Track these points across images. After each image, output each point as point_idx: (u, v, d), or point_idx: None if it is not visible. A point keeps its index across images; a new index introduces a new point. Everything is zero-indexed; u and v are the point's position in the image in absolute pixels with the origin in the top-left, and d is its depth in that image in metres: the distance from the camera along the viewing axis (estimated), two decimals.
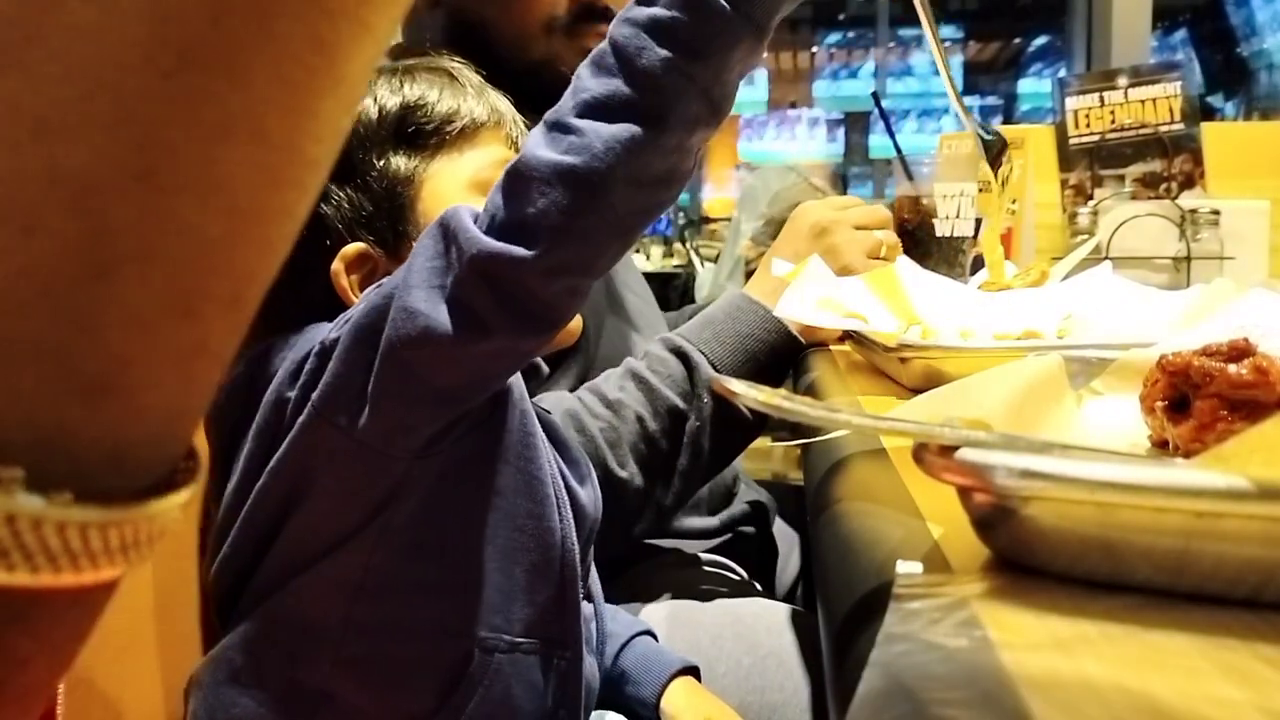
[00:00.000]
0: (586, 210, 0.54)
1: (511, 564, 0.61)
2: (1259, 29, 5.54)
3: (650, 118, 0.54)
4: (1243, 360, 0.39)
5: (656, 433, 0.82)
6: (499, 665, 0.60)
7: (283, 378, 0.60)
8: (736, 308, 0.90)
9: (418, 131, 0.67)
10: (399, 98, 0.67)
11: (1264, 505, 0.26)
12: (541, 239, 0.53)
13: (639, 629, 0.75)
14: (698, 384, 0.84)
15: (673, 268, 5.12)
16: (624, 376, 0.84)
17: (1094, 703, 0.22)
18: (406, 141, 0.67)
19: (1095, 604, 0.28)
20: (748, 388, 0.33)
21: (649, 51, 0.53)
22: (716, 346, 0.86)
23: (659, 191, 0.57)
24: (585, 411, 0.81)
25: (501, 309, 0.54)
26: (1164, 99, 1.43)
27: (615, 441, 0.80)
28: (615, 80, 0.54)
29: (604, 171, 0.53)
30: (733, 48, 0.55)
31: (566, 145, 0.54)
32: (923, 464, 0.32)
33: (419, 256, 0.56)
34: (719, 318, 0.89)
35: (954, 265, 1.10)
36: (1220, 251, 1.20)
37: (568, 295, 0.57)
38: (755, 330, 0.88)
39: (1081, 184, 1.45)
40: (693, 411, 0.83)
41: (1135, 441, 0.45)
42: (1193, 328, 0.57)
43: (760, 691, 0.78)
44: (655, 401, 0.82)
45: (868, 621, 0.29)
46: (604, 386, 0.84)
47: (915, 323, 0.77)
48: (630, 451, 0.81)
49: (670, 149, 0.56)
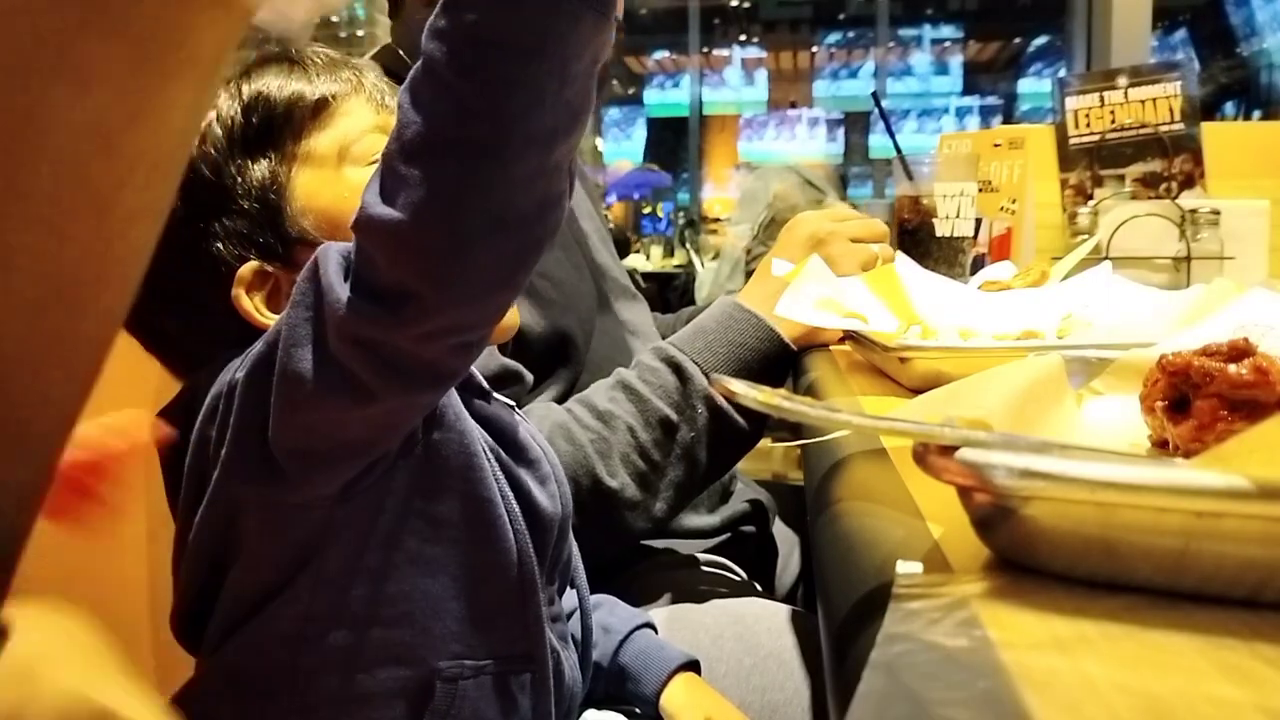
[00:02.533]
0: (442, 272, 0.46)
1: (465, 592, 0.58)
2: (1259, 29, 5.54)
3: (489, 149, 0.45)
4: (1243, 360, 0.39)
5: (648, 443, 0.82)
6: (464, 692, 0.58)
7: (204, 415, 0.56)
8: (729, 316, 0.90)
9: (265, 128, 0.61)
10: (237, 103, 0.62)
11: (1264, 505, 0.26)
12: (406, 304, 0.46)
13: (638, 622, 0.74)
14: (691, 395, 0.84)
15: (673, 268, 5.13)
16: (614, 387, 0.85)
17: (1094, 703, 0.22)
18: (257, 144, 0.61)
19: (1095, 604, 0.28)
20: (748, 388, 0.33)
21: (469, 66, 0.44)
22: (709, 356, 0.86)
23: (532, 227, 0.48)
24: (575, 423, 0.82)
25: (384, 374, 0.49)
26: (1164, 99, 1.43)
27: (606, 452, 0.80)
28: (438, 108, 0.45)
29: (450, 225, 0.45)
30: (570, 32, 0.44)
31: (402, 199, 0.45)
32: (923, 464, 0.32)
33: (297, 307, 0.51)
34: (711, 327, 0.89)
35: (954, 265, 1.10)
36: (1220, 251, 1.20)
37: (454, 353, 0.51)
38: (748, 339, 0.88)
39: (1081, 184, 1.45)
40: (685, 422, 0.83)
41: (1135, 441, 0.45)
42: (1193, 328, 0.57)
43: (761, 692, 0.78)
44: (646, 412, 0.82)
45: (868, 621, 0.29)
46: (594, 397, 0.84)
47: (915, 323, 0.77)
48: (621, 462, 0.81)
49: (528, 176, 0.46)
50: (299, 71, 0.64)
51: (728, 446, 0.86)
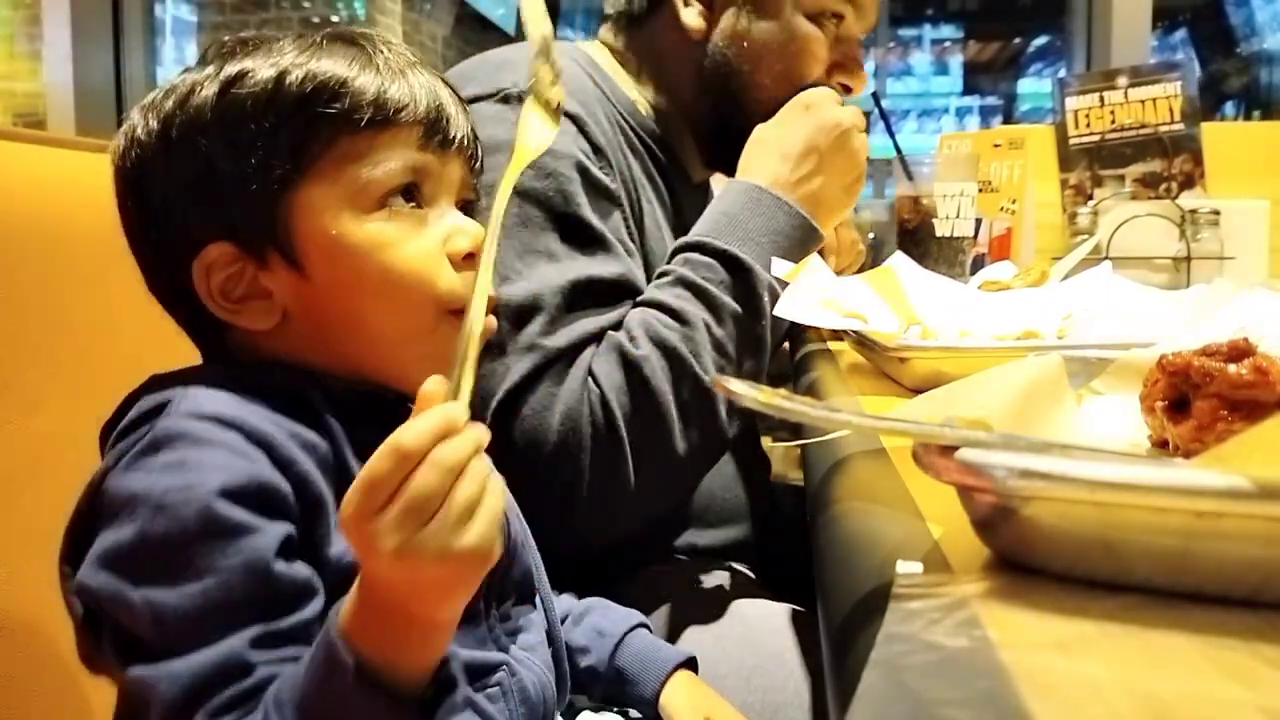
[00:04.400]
0: None
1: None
2: (1259, 29, 5.54)
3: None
4: (1243, 360, 0.39)
5: (723, 338, 0.81)
6: None
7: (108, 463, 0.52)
8: (755, 200, 0.87)
9: (304, 108, 0.56)
10: (300, 70, 0.56)
11: (1264, 505, 0.26)
12: None
13: (633, 623, 0.74)
14: (755, 285, 0.82)
15: None
16: (677, 284, 0.83)
17: (1094, 703, 0.22)
18: (290, 121, 0.56)
19: (1096, 604, 0.28)
20: (748, 388, 0.33)
21: None
22: (753, 247, 0.84)
23: None
24: (659, 324, 0.80)
25: None
26: (1164, 99, 1.43)
27: (697, 351, 0.79)
28: None
29: None
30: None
31: None
32: (923, 464, 0.32)
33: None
34: (742, 215, 0.86)
35: (954, 265, 1.10)
36: (1220, 251, 1.20)
37: None
38: (782, 225, 0.86)
39: (1081, 184, 1.45)
40: (750, 315, 0.82)
41: (1135, 441, 0.45)
42: (1193, 328, 0.57)
43: (762, 692, 0.78)
44: (716, 309, 0.81)
45: (868, 621, 0.29)
46: (662, 297, 0.82)
47: (915, 323, 0.77)
48: (710, 359, 0.79)
49: None
50: (370, 70, 0.58)
51: (778, 336, 0.86)
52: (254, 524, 0.48)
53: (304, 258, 0.56)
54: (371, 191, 0.57)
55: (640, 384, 0.77)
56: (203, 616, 0.47)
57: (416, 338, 0.58)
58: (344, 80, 0.57)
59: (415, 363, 0.56)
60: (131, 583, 0.48)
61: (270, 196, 0.56)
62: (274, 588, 0.48)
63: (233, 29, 4.23)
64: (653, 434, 0.77)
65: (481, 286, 0.49)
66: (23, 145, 0.76)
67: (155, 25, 3.55)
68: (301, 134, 0.56)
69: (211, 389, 0.53)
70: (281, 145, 0.56)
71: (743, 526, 1.00)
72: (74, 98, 2.97)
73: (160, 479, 0.48)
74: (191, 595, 0.47)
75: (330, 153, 0.56)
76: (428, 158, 0.59)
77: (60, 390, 0.72)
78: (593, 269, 0.80)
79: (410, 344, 0.58)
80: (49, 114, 3.09)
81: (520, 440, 0.75)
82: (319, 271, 0.57)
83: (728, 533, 0.98)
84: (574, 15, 6.26)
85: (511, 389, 0.76)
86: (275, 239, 0.56)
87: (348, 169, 0.56)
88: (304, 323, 0.58)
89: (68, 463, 0.55)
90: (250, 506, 0.48)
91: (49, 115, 3.09)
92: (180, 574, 0.47)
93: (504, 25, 5.21)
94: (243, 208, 0.56)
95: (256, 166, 0.55)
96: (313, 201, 0.56)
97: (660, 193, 1.00)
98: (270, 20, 4.03)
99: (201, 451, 0.49)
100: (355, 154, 0.57)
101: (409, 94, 0.58)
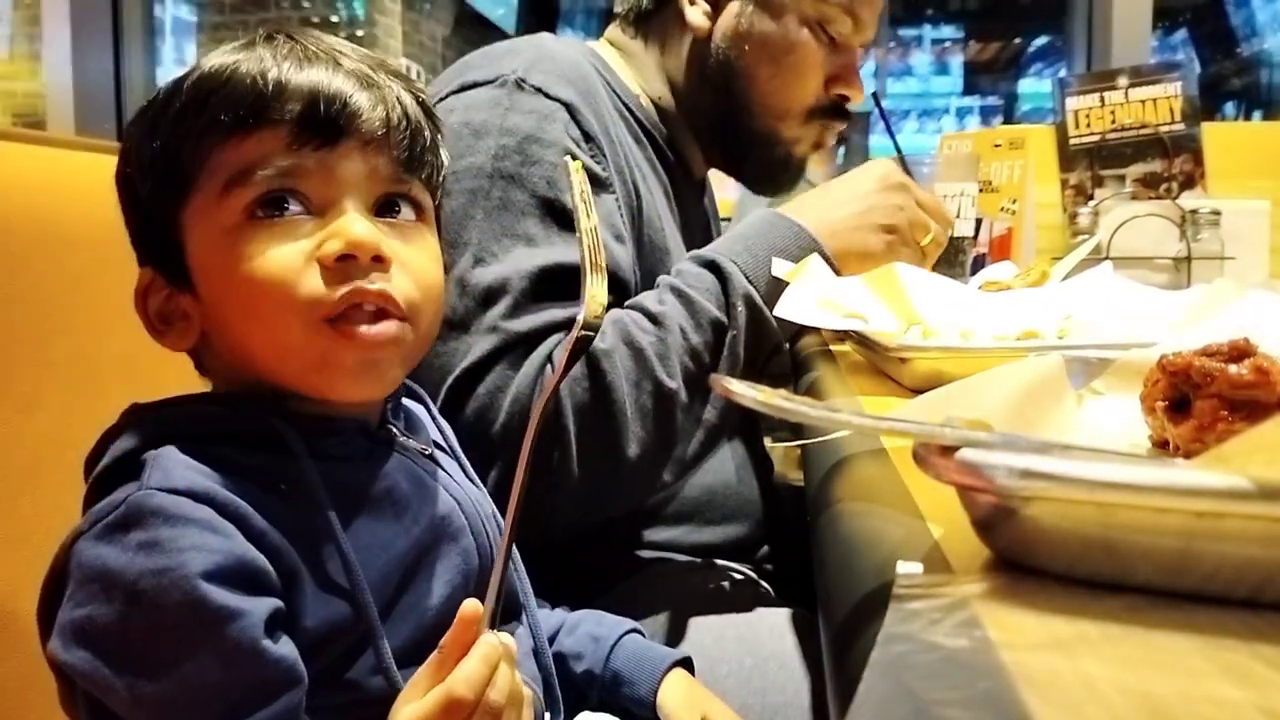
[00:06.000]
0: None
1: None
2: (1259, 29, 5.54)
3: None
4: (1243, 360, 0.39)
5: (699, 345, 0.81)
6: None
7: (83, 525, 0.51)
8: (769, 223, 0.88)
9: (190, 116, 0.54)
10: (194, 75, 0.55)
11: (1264, 505, 0.26)
12: None
13: (625, 628, 0.74)
14: (731, 294, 0.82)
15: None
16: (663, 291, 0.83)
17: (1094, 703, 0.22)
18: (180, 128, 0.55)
19: (1096, 604, 0.28)
20: (748, 388, 0.33)
21: None
22: (749, 259, 0.84)
23: None
24: (632, 325, 0.80)
25: None
26: (1164, 99, 1.43)
27: (664, 354, 0.79)
28: None
29: None
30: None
31: None
32: (923, 464, 0.32)
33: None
34: (751, 233, 0.87)
35: (954, 265, 1.10)
36: (1220, 251, 1.20)
37: None
38: (788, 245, 0.86)
39: (1082, 184, 1.45)
40: (730, 322, 0.82)
41: (1135, 441, 0.45)
42: (1193, 328, 0.57)
43: (762, 693, 0.78)
44: (696, 314, 0.81)
45: (868, 621, 0.29)
46: (645, 301, 0.82)
47: (915, 323, 0.77)
48: (678, 364, 0.79)
49: None
50: (249, 66, 0.55)
51: (762, 346, 0.85)
52: (240, 607, 0.47)
53: (194, 276, 0.56)
54: (232, 204, 0.54)
55: (598, 378, 0.76)
56: (189, 703, 0.47)
57: (292, 351, 0.54)
58: (224, 81, 0.54)
59: (303, 376, 0.55)
60: (113, 670, 0.47)
61: (165, 215, 0.56)
62: (263, 672, 0.48)
63: (232, 29, 4.23)
64: (601, 431, 0.76)
65: (509, 526, 0.52)
66: (22, 145, 0.76)
67: (155, 25, 3.55)
68: (183, 148, 0.55)
69: (184, 454, 0.51)
70: (172, 160, 0.55)
71: (744, 525, 1.00)
72: (74, 98, 2.96)
73: (135, 559, 0.47)
74: (177, 683, 0.46)
75: (207, 165, 0.54)
76: (301, 159, 0.54)
77: (59, 390, 0.72)
78: (570, 255, 0.79)
79: (289, 358, 0.55)
80: (48, 114, 3.09)
81: (470, 419, 0.75)
82: (205, 290, 0.56)
83: (728, 530, 0.98)
84: (574, 15, 6.27)
85: (468, 368, 0.75)
86: (172, 259, 0.56)
87: (218, 179, 0.54)
88: (218, 341, 0.57)
89: (66, 463, 0.55)
90: (235, 586, 0.48)
91: (48, 115, 3.09)
92: (166, 664, 0.47)
93: (504, 25, 5.21)
94: (150, 230, 0.57)
95: (155, 185, 0.56)
96: (194, 218, 0.55)
97: (663, 183, 1.00)
98: (270, 20, 4.03)
99: (175, 530, 0.48)
100: (224, 164, 0.54)
101: (282, 91, 0.54)
